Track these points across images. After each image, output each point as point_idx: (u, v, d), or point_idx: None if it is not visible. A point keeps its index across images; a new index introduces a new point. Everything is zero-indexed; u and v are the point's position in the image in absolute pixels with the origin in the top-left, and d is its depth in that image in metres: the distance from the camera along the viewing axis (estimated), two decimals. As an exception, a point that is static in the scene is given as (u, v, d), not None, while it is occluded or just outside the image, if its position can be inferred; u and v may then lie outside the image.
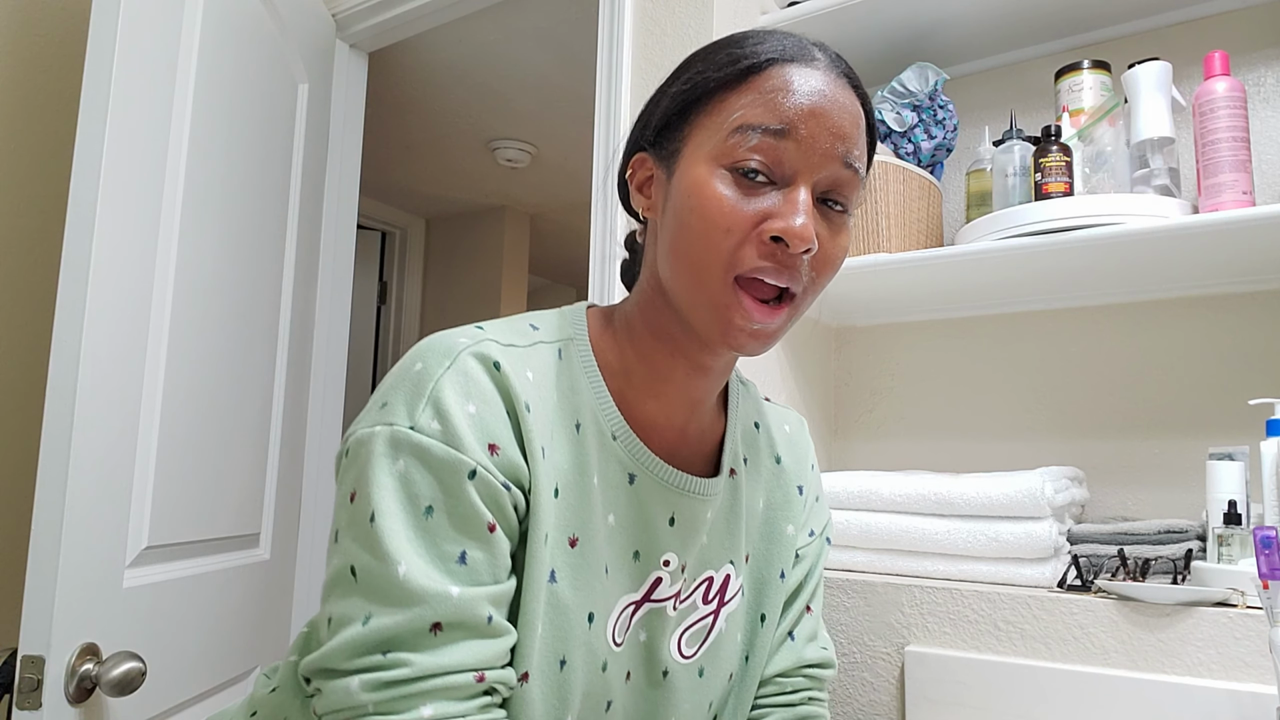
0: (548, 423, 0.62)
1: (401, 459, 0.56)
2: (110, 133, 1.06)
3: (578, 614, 0.61)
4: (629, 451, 0.66)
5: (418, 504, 0.56)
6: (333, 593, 0.57)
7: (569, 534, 0.62)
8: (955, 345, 1.43)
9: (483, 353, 0.60)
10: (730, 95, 0.61)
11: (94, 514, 1.03)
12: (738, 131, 0.59)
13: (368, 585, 0.55)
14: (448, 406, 0.57)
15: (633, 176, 0.68)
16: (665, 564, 0.68)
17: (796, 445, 0.83)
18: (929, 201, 1.32)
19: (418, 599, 0.54)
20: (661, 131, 0.65)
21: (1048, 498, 1.06)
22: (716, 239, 0.59)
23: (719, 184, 0.59)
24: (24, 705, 0.96)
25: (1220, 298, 1.22)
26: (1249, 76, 1.23)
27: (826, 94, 0.60)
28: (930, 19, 1.33)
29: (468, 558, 0.56)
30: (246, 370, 1.41)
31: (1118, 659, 0.98)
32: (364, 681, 0.53)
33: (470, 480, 0.57)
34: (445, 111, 2.90)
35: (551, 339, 0.66)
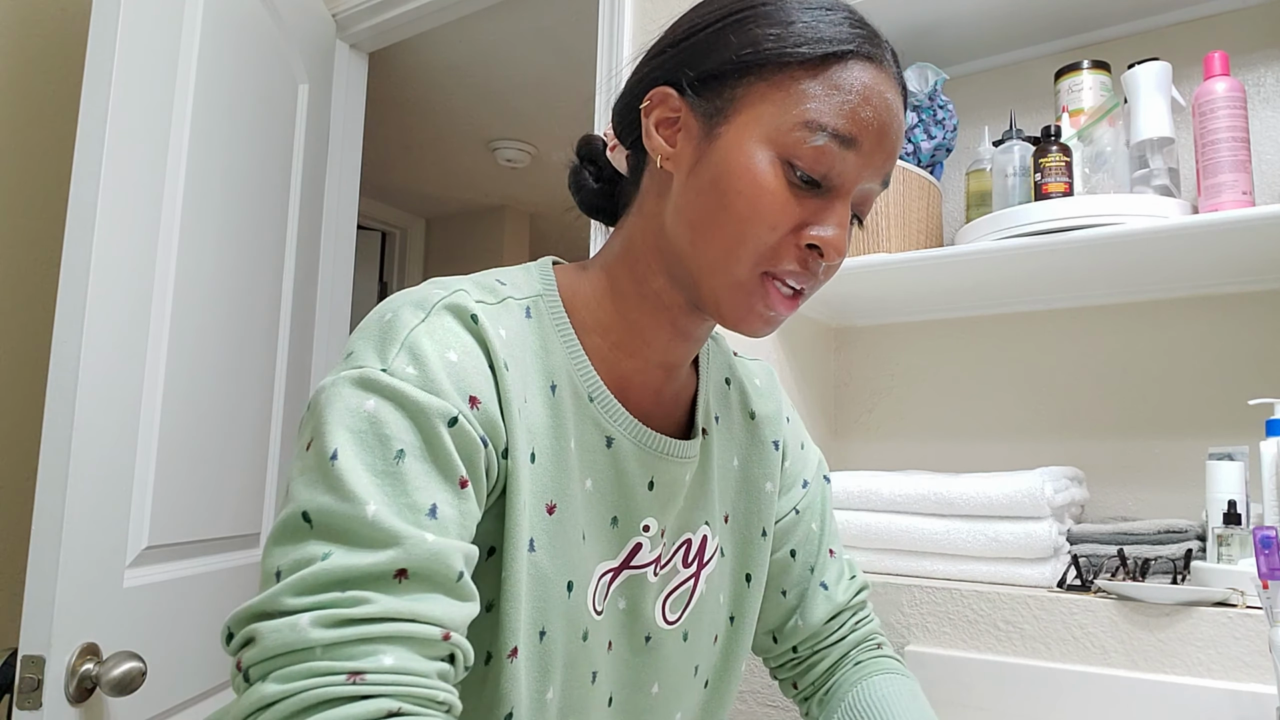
0: (523, 384, 0.58)
1: (372, 399, 0.51)
2: (110, 133, 1.06)
3: (557, 583, 0.59)
4: (606, 413, 0.63)
5: (388, 445, 0.50)
6: (279, 544, 0.49)
7: (546, 500, 0.59)
8: (955, 345, 1.43)
9: (459, 304, 0.56)
10: (803, 76, 0.57)
11: (94, 514, 1.03)
12: (806, 127, 0.56)
13: (327, 528, 0.48)
14: (425, 352, 0.53)
15: (650, 110, 0.62)
16: (645, 529, 0.66)
17: (768, 398, 0.80)
18: (929, 201, 1.32)
19: (389, 540, 0.48)
20: (707, 80, 0.59)
21: (1047, 498, 1.06)
22: (760, 232, 0.57)
23: (774, 176, 0.57)
24: (24, 705, 0.96)
25: (1220, 298, 1.22)
26: (1249, 76, 1.23)
27: (893, 110, 0.59)
28: (930, 19, 1.33)
29: (438, 511, 0.50)
30: (246, 370, 1.41)
31: (1117, 659, 0.98)
32: (316, 617, 0.46)
33: (449, 428, 0.52)
34: (445, 111, 2.90)
35: (521, 295, 0.62)
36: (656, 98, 0.62)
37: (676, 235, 0.61)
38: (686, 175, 0.60)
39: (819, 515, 0.81)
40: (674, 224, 0.61)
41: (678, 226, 0.61)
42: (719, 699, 0.75)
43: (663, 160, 0.61)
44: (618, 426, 0.64)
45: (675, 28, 0.64)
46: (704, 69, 0.60)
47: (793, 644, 0.80)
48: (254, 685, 0.46)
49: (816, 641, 0.80)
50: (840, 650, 0.80)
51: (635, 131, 0.65)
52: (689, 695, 0.72)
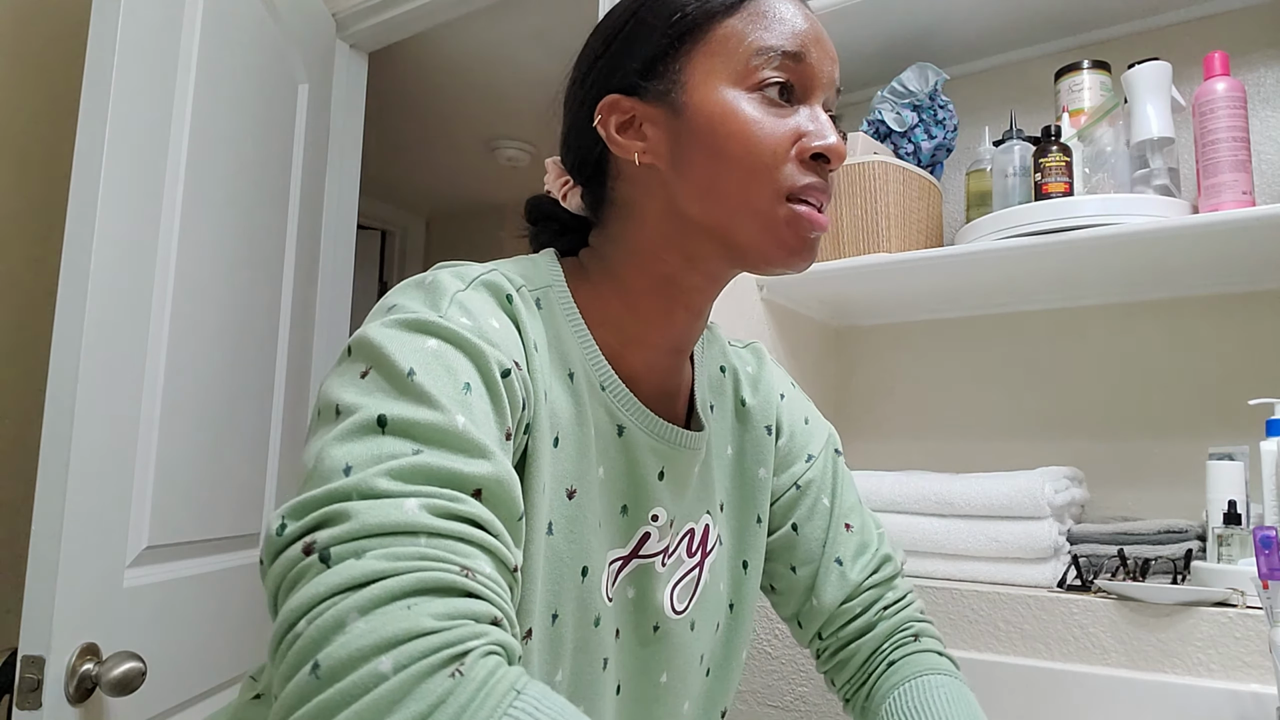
0: (546, 368, 0.59)
1: (433, 340, 0.50)
2: (110, 133, 1.06)
3: (572, 567, 0.59)
4: (619, 402, 0.64)
5: (456, 378, 0.48)
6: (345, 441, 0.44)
7: (567, 485, 0.59)
8: (955, 345, 1.43)
9: (495, 282, 0.57)
10: (731, 21, 0.60)
11: (94, 514, 1.03)
12: (758, 54, 0.59)
13: (411, 431, 0.45)
14: (475, 310, 0.53)
15: (605, 121, 0.63)
16: (654, 519, 0.66)
17: (760, 383, 0.80)
18: (929, 201, 1.32)
19: (483, 451, 0.46)
20: (647, 69, 0.62)
21: (1048, 498, 1.06)
22: (764, 161, 0.59)
23: (749, 108, 0.59)
24: (24, 705, 0.96)
25: (1220, 298, 1.22)
26: (1249, 76, 1.23)
27: (816, 23, 0.63)
28: (930, 19, 1.33)
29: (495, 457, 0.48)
30: (247, 370, 1.41)
31: (1117, 659, 0.98)
32: (424, 503, 0.42)
33: (504, 378, 0.51)
34: (445, 111, 2.90)
35: (532, 286, 0.62)
36: (606, 107, 0.63)
37: (689, 209, 0.61)
38: (670, 155, 0.61)
39: (829, 489, 0.80)
40: (683, 201, 0.61)
41: (688, 201, 0.61)
42: (721, 688, 0.75)
43: (640, 157, 0.62)
44: (629, 415, 0.64)
45: (589, 48, 0.67)
46: (641, 59, 0.62)
47: (816, 629, 0.78)
48: (343, 562, 0.40)
49: (839, 627, 0.77)
50: (872, 644, 0.76)
51: (592, 162, 0.66)
52: (695, 684, 0.72)
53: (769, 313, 1.37)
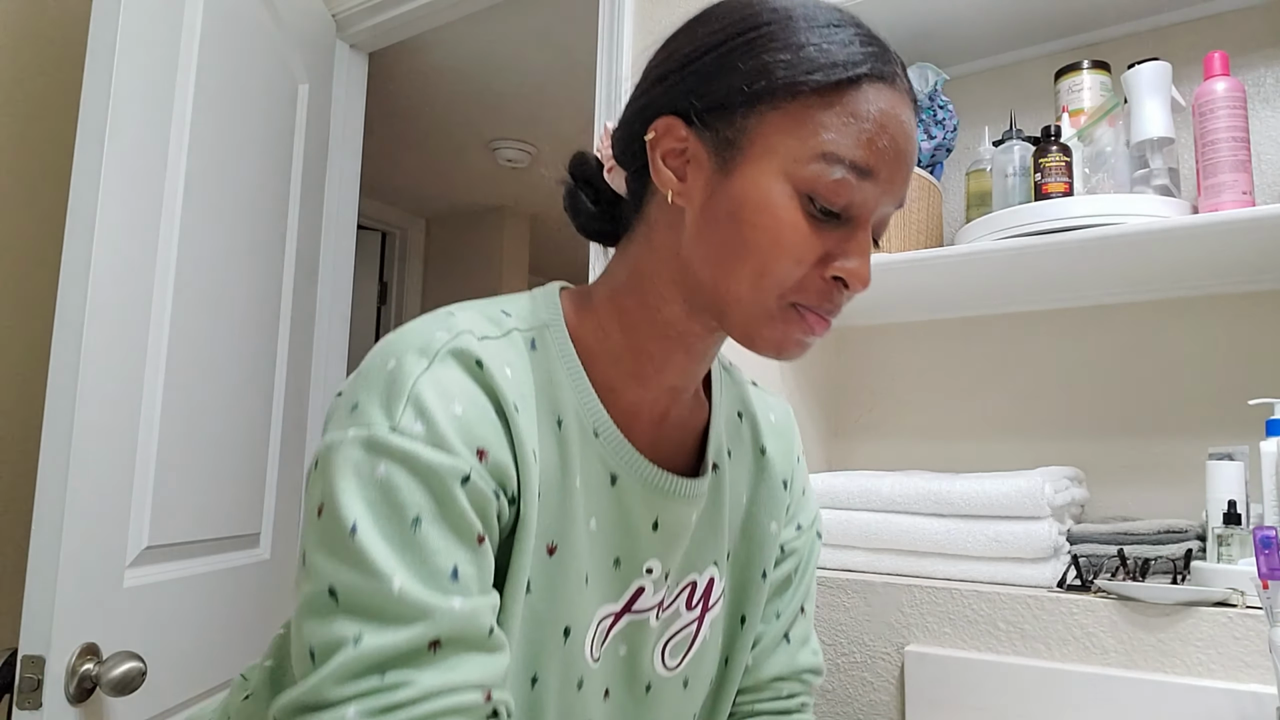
0: (533, 423, 0.57)
1: (382, 464, 0.50)
2: (110, 132, 1.06)
3: (553, 628, 0.58)
4: (612, 449, 0.61)
5: (403, 515, 0.50)
6: (308, 620, 0.50)
7: (548, 541, 0.58)
8: (955, 345, 1.43)
9: (463, 349, 0.54)
10: (817, 105, 0.55)
11: (94, 514, 1.03)
12: (824, 159, 0.55)
13: (355, 605, 0.48)
14: (431, 406, 0.52)
15: (657, 142, 0.59)
16: (648, 572, 0.64)
17: (783, 436, 0.78)
18: (929, 201, 1.32)
19: (418, 614, 0.48)
20: (718, 109, 0.57)
21: (1047, 498, 1.06)
22: (785, 266, 0.56)
23: (794, 210, 0.55)
24: (24, 705, 0.96)
25: (1220, 298, 1.22)
26: (1249, 76, 1.23)
27: (908, 132, 0.58)
28: (930, 19, 1.33)
29: (459, 572, 0.50)
30: (246, 370, 1.41)
31: (1117, 659, 0.98)
32: (361, 709, 0.47)
33: (463, 486, 0.51)
34: (445, 111, 2.90)
35: (526, 326, 0.61)
36: (661, 128, 0.59)
37: (696, 268, 0.59)
38: (701, 209, 0.58)
39: (803, 565, 0.79)
40: (693, 257, 0.59)
41: (697, 260, 0.59)
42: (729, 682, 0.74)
43: (675, 196, 0.59)
44: (623, 463, 0.62)
45: (675, 48, 0.61)
46: (712, 99, 0.57)
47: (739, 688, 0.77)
48: None
49: (760, 696, 0.77)
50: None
51: (638, 158, 0.62)
52: None
53: (769, 313, 1.36)
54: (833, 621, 1.14)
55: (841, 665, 1.13)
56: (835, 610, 1.14)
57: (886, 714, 1.09)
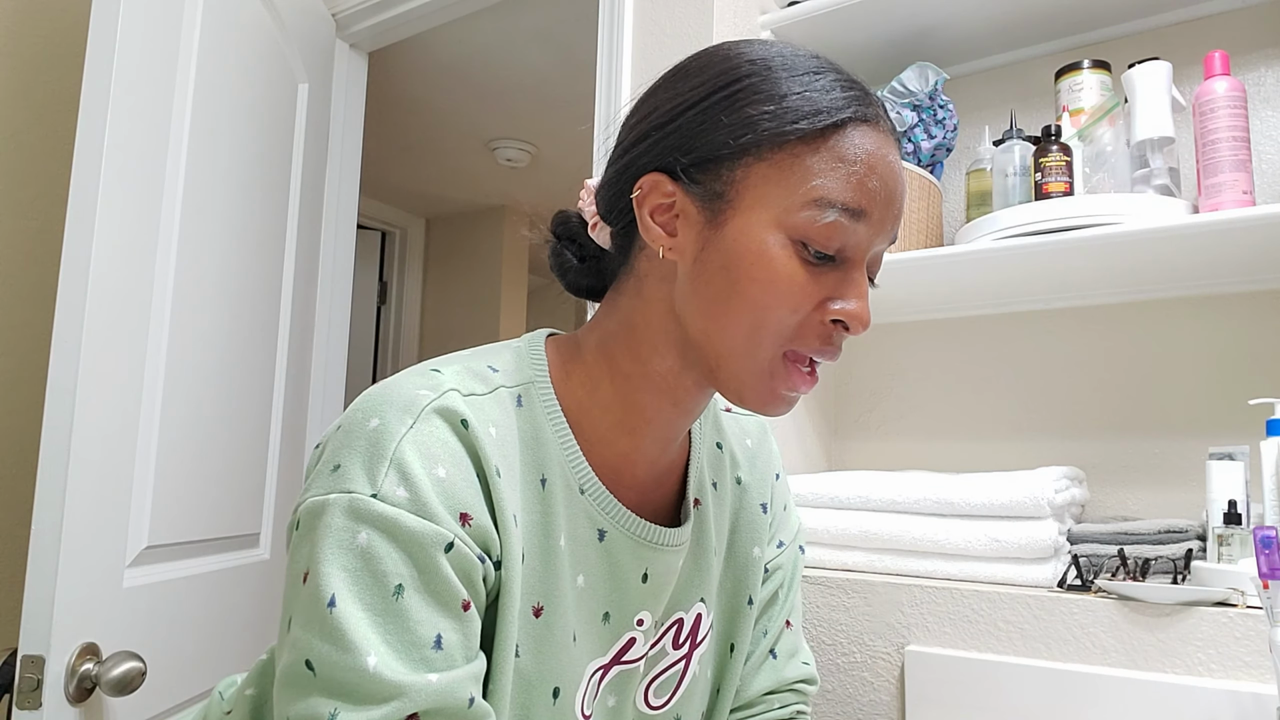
0: (515, 486, 0.56)
1: (364, 531, 0.50)
2: (110, 132, 1.06)
3: (541, 690, 0.57)
4: (599, 506, 0.61)
5: (384, 584, 0.49)
6: (286, 690, 0.49)
7: (534, 602, 0.57)
8: (955, 345, 1.43)
9: (448, 407, 0.54)
10: (804, 152, 0.55)
11: (94, 514, 1.03)
12: (815, 205, 0.55)
13: (330, 680, 0.48)
14: (414, 470, 0.51)
15: (644, 199, 0.59)
16: (639, 624, 0.64)
17: (758, 460, 0.78)
18: (929, 201, 1.32)
19: (392, 692, 0.47)
20: (703, 164, 0.57)
21: (1048, 498, 1.06)
22: (781, 316, 0.56)
23: (788, 258, 0.55)
24: (24, 705, 0.96)
25: (1220, 298, 1.22)
26: (1249, 76, 1.23)
27: (896, 171, 0.58)
28: (930, 19, 1.33)
29: (443, 640, 0.50)
30: (246, 370, 1.41)
31: (1118, 659, 0.98)
32: None
33: (446, 554, 0.51)
34: (445, 111, 2.90)
35: (512, 383, 0.60)
36: (648, 185, 0.59)
37: (689, 321, 0.59)
38: (693, 263, 0.58)
39: (787, 582, 0.79)
40: (686, 310, 0.59)
41: (691, 313, 0.58)
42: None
43: (666, 251, 0.59)
44: (610, 519, 0.62)
45: (655, 104, 0.61)
46: (698, 154, 0.57)
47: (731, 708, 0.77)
48: None
49: (750, 712, 0.77)
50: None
51: (625, 215, 0.62)
52: None
53: (769, 313, 1.36)
54: (833, 621, 1.14)
55: (841, 665, 1.13)
56: (835, 610, 1.14)
57: (886, 714, 1.09)
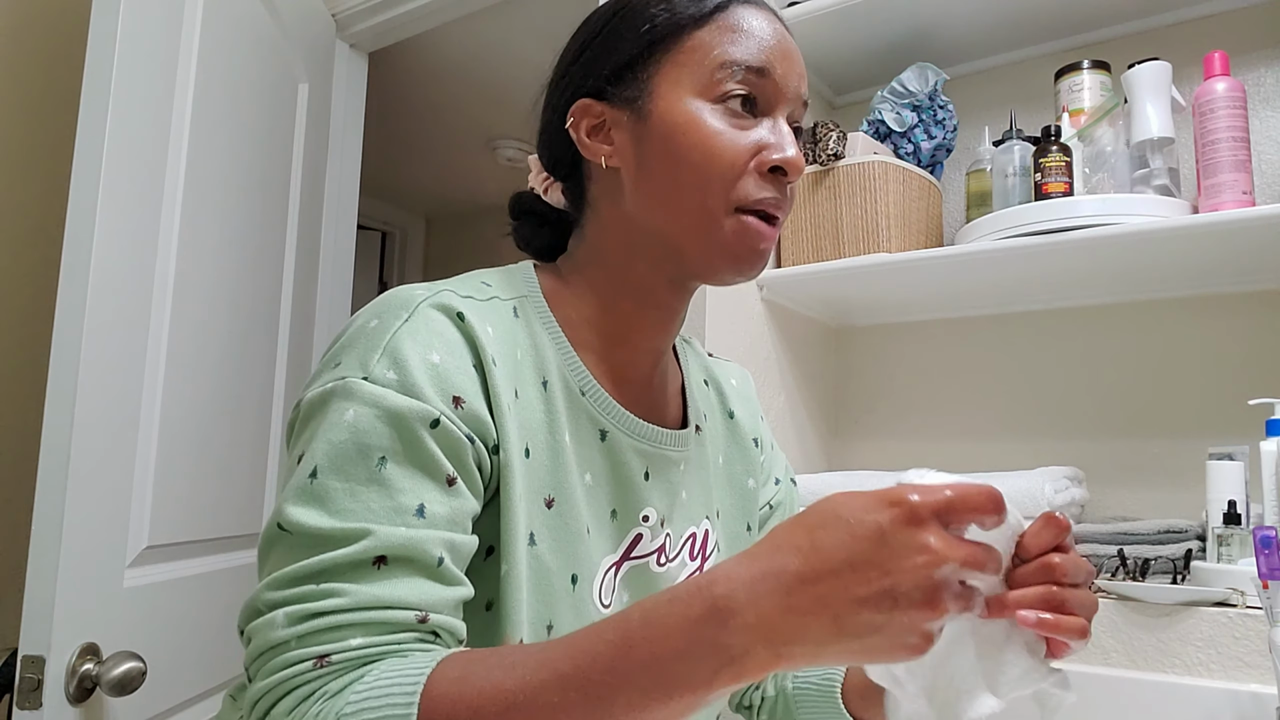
0: (513, 380, 0.59)
1: (351, 409, 0.51)
2: (110, 132, 1.06)
3: (560, 577, 0.59)
4: (599, 407, 0.64)
5: (369, 456, 0.51)
6: (261, 556, 0.51)
7: (545, 495, 0.59)
8: (955, 345, 1.43)
9: (444, 303, 0.57)
10: (700, 34, 0.62)
11: (94, 514, 1.03)
12: (723, 68, 0.61)
13: (305, 535, 0.49)
14: (406, 355, 0.53)
15: (577, 125, 0.65)
16: (645, 519, 0.66)
17: (747, 399, 0.82)
18: (929, 201, 1.33)
19: (360, 534, 0.49)
20: (617, 76, 0.64)
21: (1048, 498, 1.06)
22: (721, 170, 0.60)
23: (712, 118, 0.61)
24: (24, 705, 0.96)
25: (1220, 298, 1.22)
26: (1249, 76, 1.23)
27: (786, 37, 0.65)
28: (930, 19, 1.33)
29: (426, 510, 0.51)
30: (247, 370, 1.41)
31: (1118, 659, 0.98)
32: (289, 614, 0.47)
33: (431, 429, 0.52)
34: (445, 111, 2.90)
35: (507, 296, 0.63)
36: (578, 111, 0.65)
37: (647, 215, 0.63)
38: (634, 160, 0.63)
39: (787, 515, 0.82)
40: (640, 207, 0.63)
41: (645, 207, 0.63)
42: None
43: (607, 160, 0.64)
44: (611, 420, 0.65)
45: (567, 52, 0.69)
46: (613, 66, 0.64)
47: None
48: (252, 686, 0.48)
49: None
50: None
51: (567, 158, 0.68)
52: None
53: (769, 313, 1.37)
54: (833, 621, 1.14)
55: (841, 665, 1.13)
56: (835, 610, 1.14)
57: (886, 714, 1.09)
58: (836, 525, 0.41)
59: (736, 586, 0.41)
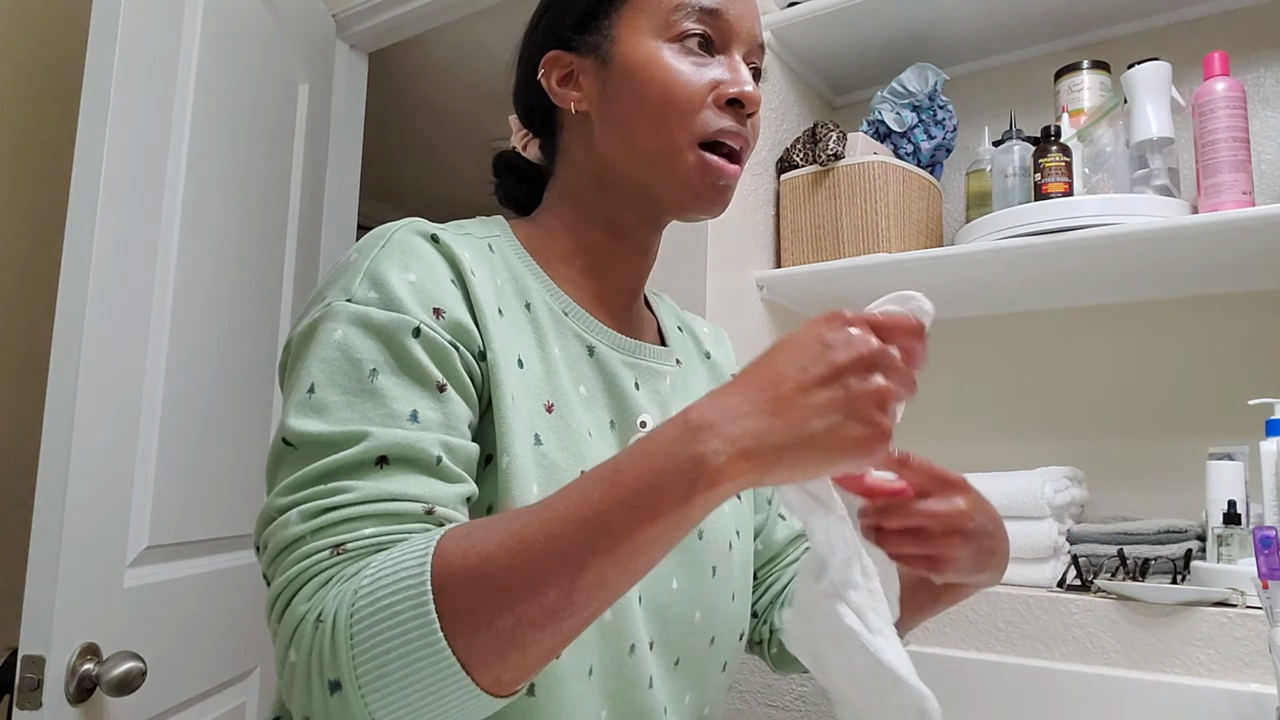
0: (495, 299, 0.61)
1: (339, 329, 0.55)
2: (110, 133, 1.06)
3: (569, 473, 0.60)
4: (583, 325, 0.67)
5: (360, 369, 0.53)
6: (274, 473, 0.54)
7: (544, 400, 0.62)
8: (955, 345, 1.43)
9: (418, 228, 0.60)
10: None
11: (94, 514, 1.03)
12: (678, 9, 0.65)
13: (305, 445, 0.52)
14: (385, 275, 0.56)
15: (548, 75, 0.69)
16: (642, 425, 0.68)
17: (722, 344, 0.86)
18: (929, 201, 1.33)
19: (359, 436, 0.51)
20: (582, 24, 0.68)
21: (1047, 498, 1.06)
22: (681, 105, 0.63)
23: (670, 56, 0.64)
24: (24, 705, 0.96)
25: (1220, 298, 1.22)
26: (1249, 76, 1.23)
27: None
28: (930, 19, 1.33)
29: (419, 415, 0.53)
30: (247, 370, 1.41)
31: (1117, 659, 0.98)
32: (302, 511, 0.50)
33: (415, 338, 0.55)
34: (445, 111, 2.90)
35: (480, 234, 0.66)
36: (548, 62, 0.69)
37: (613, 153, 0.67)
38: (600, 102, 0.67)
39: None
40: (607, 146, 0.67)
41: (611, 145, 0.67)
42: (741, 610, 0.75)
43: (575, 105, 0.68)
44: (596, 336, 0.68)
45: (538, 7, 0.74)
46: (577, 16, 0.69)
47: (762, 564, 0.83)
48: (271, 585, 0.51)
49: (774, 563, 0.83)
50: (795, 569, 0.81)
51: (540, 113, 0.73)
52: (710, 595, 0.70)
53: (769, 312, 1.37)
54: (833, 621, 1.14)
55: (841, 665, 1.13)
56: (835, 610, 1.14)
57: (886, 714, 1.09)
58: (787, 344, 0.47)
59: (706, 408, 0.46)
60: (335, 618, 0.46)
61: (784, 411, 0.45)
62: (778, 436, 0.45)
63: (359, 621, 0.45)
